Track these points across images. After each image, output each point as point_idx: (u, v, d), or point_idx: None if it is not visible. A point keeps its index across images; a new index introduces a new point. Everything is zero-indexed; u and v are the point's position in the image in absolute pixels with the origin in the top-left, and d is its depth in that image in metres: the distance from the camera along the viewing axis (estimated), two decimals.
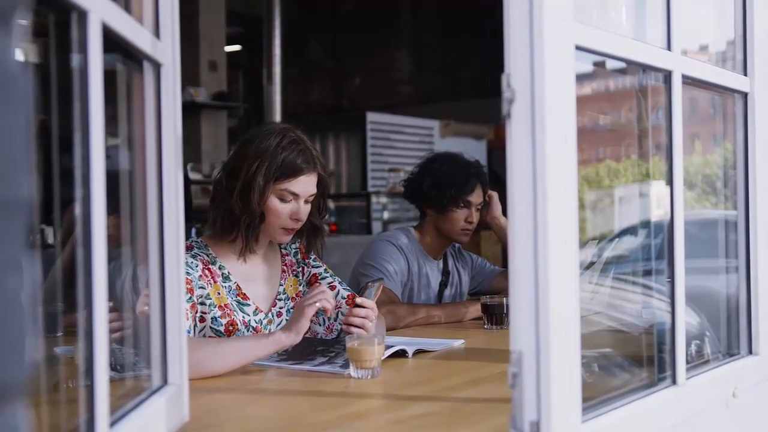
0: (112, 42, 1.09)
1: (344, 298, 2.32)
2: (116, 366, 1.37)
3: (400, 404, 1.65)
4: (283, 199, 2.16)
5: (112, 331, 1.49)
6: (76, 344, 1.41)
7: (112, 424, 1.07)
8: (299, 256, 2.39)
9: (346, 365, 1.88)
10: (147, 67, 1.32)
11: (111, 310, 1.06)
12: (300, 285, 2.36)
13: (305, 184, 2.18)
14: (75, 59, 1.00)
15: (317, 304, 1.95)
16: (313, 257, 2.41)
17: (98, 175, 1.00)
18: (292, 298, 2.32)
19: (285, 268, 2.35)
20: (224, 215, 2.17)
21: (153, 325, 1.35)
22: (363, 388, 1.77)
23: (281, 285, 2.32)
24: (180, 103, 1.38)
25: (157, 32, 1.33)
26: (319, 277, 2.37)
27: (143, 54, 1.26)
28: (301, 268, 2.38)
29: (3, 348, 0.52)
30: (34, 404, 0.85)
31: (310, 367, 1.92)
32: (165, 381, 1.36)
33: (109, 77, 1.06)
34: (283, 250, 2.37)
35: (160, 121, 1.35)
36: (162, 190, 1.35)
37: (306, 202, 2.21)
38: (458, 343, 2.32)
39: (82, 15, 0.98)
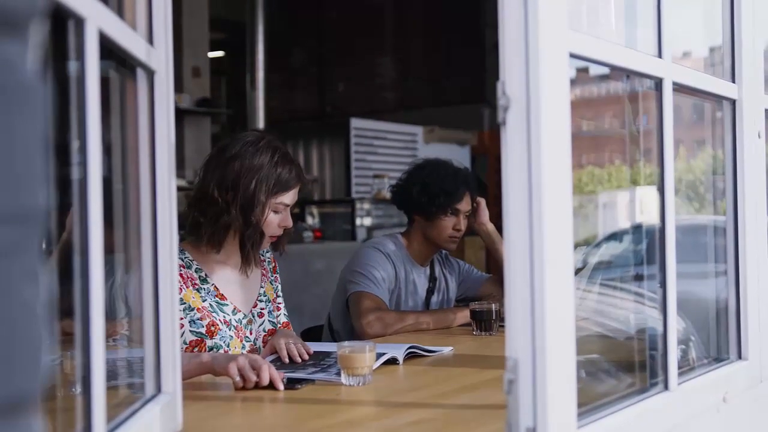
0: (106, 49, 1.09)
1: (280, 324, 2.41)
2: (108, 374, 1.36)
3: (394, 411, 1.65)
4: (276, 211, 2.26)
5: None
6: (65, 352, 1.40)
7: None
8: (271, 266, 2.48)
9: (340, 374, 1.87)
10: (140, 75, 1.31)
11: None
12: (274, 292, 2.45)
13: (294, 195, 2.29)
14: (71, 66, 1.00)
15: (236, 379, 1.81)
16: (278, 272, 2.52)
17: (95, 181, 1.00)
18: (272, 301, 2.41)
19: (264, 272, 2.43)
20: (222, 230, 2.22)
21: (146, 334, 1.35)
22: (355, 396, 1.77)
23: (262, 287, 2.39)
24: (173, 110, 1.38)
25: (150, 39, 1.33)
26: (275, 293, 2.48)
27: (137, 61, 1.26)
28: (273, 278, 2.48)
29: (21, 359, 0.52)
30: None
31: (304, 375, 1.91)
32: (159, 389, 1.35)
33: (102, 84, 1.06)
34: (260, 255, 2.44)
35: (154, 128, 1.34)
36: (155, 198, 1.34)
37: (291, 209, 2.31)
38: (448, 350, 2.33)
39: (80, 22, 0.97)
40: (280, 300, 2.47)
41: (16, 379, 0.52)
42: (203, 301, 2.21)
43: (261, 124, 8.45)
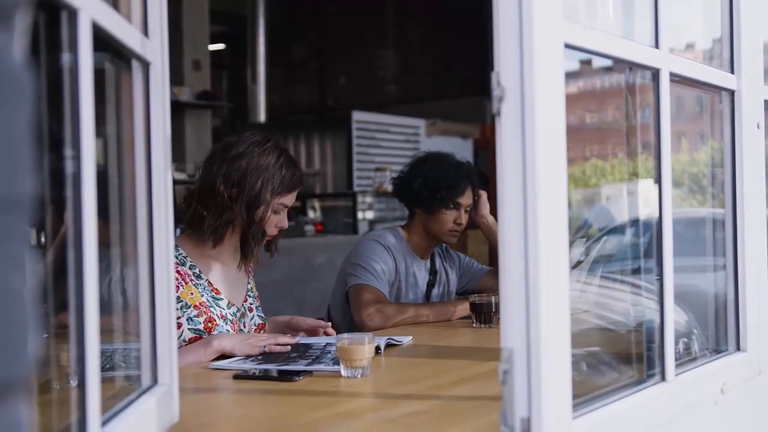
0: (100, 40, 1.09)
1: (255, 325, 2.41)
2: (104, 366, 1.36)
3: (391, 403, 1.65)
4: (276, 212, 2.28)
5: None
6: (62, 345, 1.41)
7: (104, 423, 1.07)
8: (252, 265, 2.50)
9: (336, 362, 1.87)
10: (135, 66, 1.31)
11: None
12: (256, 290, 2.50)
13: (294, 197, 2.33)
14: (65, 58, 0.99)
15: (265, 349, 2.10)
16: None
17: (89, 175, 1.00)
18: (257, 297, 2.46)
19: (250, 270, 2.46)
20: (225, 225, 2.24)
21: (143, 326, 1.35)
22: (353, 387, 1.77)
23: (249, 283, 2.44)
24: (169, 103, 1.38)
25: (145, 31, 1.33)
26: (256, 291, 2.51)
27: (132, 53, 1.26)
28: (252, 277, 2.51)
29: (8, 345, 0.52)
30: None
31: (302, 367, 1.91)
32: (155, 381, 1.35)
33: (97, 76, 1.06)
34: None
35: (149, 121, 1.34)
36: (151, 191, 1.34)
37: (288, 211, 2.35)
38: (407, 339, 2.34)
39: (73, 13, 0.97)
40: (257, 301, 2.50)
41: (2, 363, 0.52)
42: (201, 296, 2.22)
43: (262, 117, 8.45)
